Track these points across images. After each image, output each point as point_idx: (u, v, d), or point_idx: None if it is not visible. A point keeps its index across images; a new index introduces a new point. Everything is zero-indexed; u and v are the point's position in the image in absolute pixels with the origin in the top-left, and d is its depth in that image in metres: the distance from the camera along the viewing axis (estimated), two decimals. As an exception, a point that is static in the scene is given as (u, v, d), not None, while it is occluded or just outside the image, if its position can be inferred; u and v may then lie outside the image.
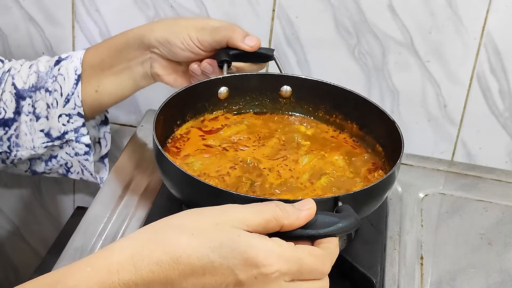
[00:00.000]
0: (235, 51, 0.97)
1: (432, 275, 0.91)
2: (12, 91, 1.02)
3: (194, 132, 0.96)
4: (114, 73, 1.01)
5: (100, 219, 0.93)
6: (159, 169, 0.84)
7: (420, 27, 1.10)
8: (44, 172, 1.09)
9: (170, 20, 1.02)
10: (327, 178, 0.88)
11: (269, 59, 1.00)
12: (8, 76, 1.02)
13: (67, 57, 1.03)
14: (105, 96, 1.02)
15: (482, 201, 1.06)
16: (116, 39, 1.02)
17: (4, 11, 1.19)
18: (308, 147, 0.94)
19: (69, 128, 1.02)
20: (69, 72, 1.01)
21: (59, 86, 1.01)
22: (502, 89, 1.13)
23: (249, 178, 0.86)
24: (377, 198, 0.82)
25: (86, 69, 1.01)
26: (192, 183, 0.77)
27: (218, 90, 0.98)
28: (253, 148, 0.94)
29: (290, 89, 1.00)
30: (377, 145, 0.95)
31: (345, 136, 0.98)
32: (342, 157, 0.92)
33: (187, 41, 0.97)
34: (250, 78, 0.99)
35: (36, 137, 1.03)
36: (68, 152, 1.05)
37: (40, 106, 1.02)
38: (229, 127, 0.97)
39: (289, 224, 0.65)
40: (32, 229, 1.40)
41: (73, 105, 1.01)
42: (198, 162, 0.89)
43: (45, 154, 1.06)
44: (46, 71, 1.02)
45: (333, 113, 1.00)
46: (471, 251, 0.96)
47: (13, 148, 1.04)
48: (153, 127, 0.85)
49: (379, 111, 0.93)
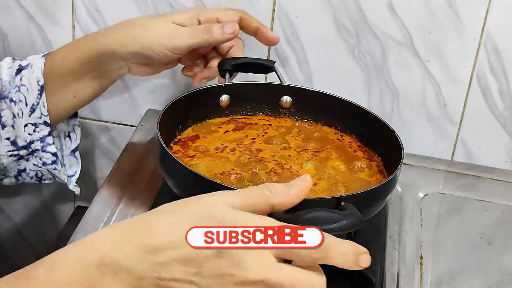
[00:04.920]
0: (236, 60, 0.98)
1: (431, 275, 0.91)
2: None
3: (198, 135, 0.97)
4: (90, 79, 1.00)
5: (100, 219, 0.93)
6: (164, 170, 0.84)
7: (420, 27, 1.10)
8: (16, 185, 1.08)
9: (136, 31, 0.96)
10: (329, 181, 0.89)
11: (270, 71, 1.01)
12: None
13: (27, 66, 1.00)
14: (84, 98, 1.01)
15: (482, 201, 1.06)
16: (81, 50, 0.98)
17: (4, 11, 1.19)
18: (312, 149, 0.95)
19: (35, 138, 1.01)
20: (31, 83, 0.99)
21: (23, 96, 0.99)
22: (502, 88, 1.13)
23: (251, 181, 0.87)
24: (378, 201, 0.83)
25: (55, 79, 0.99)
26: (200, 182, 0.78)
27: (219, 97, 0.99)
28: (257, 151, 0.94)
29: (290, 99, 1.01)
30: (376, 154, 0.95)
31: (350, 141, 0.99)
32: (343, 163, 0.93)
33: (163, 52, 0.95)
34: (251, 87, 1.01)
35: (2, 145, 1.01)
36: (35, 163, 1.03)
37: (6, 115, 1.00)
38: (234, 131, 0.98)
39: (280, 203, 0.63)
40: (32, 228, 1.40)
41: (39, 114, 1.00)
42: (203, 163, 0.89)
43: (12, 170, 1.05)
44: (8, 80, 1.00)
45: (332, 124, 1.00)
46: (470, 250, 0.96)
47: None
48: (157, 127, 0.85)
49: (379, 121, 0.94)
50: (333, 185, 0.88)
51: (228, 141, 0.96)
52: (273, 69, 1.01)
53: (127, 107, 1.24)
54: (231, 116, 1.01)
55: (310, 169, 0.91)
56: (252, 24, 1.00)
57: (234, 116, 1.01)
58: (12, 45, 1.22)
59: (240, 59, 0.99)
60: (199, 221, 0.60)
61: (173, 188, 0.83)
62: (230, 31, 0.96)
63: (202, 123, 0.99)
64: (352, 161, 0.94)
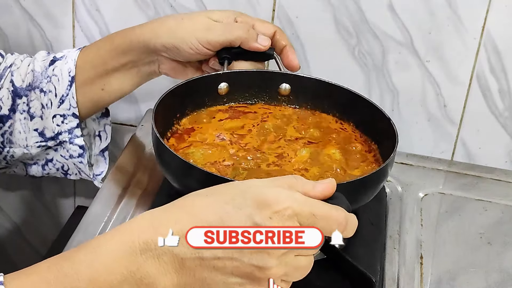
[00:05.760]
0: (237, 49, 0.98)
1: (431, 275, 0.91)
2: (10, 88, 1.02)
3: (195, 124, 0.97)
4: (121, 72, 1.00)
5: (100, 219, 0.93)
6: (159, 161, 0.85)
7: (420, 27, 1.10)
8: (42, 176, 1.09)
9: (172, 23, 0.98)
10: (321, 168, 0.89)
11: (269, 58, 1.01)
12: (8, 72, 1.02)
13: (61, 57, 1.02)
14: (112, 93, 1.02)
15: (482, 201, 1.06)
16: (117, 41, 1.00)
17: (4, 11, 1.19)
18: (310, 138, 0.95)
19: (63, 129, 1.02)
20: (63, 74, 1.00)
21: (53, 87, 1.00)
22: (502, 88, 1.13)
23: (246, 169, 0.87)
24: (369, 190, 0.84)
25: (88, 70, 1.00)
26: (192, 171, 0.78)
27: (218, 85, 0.99)
28: (253, 139, 0.95)
29: (289, 87, 1.01)
30: (373, 142, 0.95)
31: (352, 130, 0.99)
32: (339, 151, 0.93)
33: (196, 45, 0.95)
34: (250, 74, 1.00)
35: (30, 136, 1.03)
36: (63, 154, 1.04)
37: (35, 106, 1.01)
38: (232, 119, 0.98)
39: (304, 193, 0.66)
40: (32, 228, 1.40)
41: (68, 106, 1.01)
42: (199, 152, 0.90)
43: (41, 158, 1.06)
44: (41, 71, 1.01)
45: (330, 111, 1.01)
46: (470, 250, 0.96)
47: (6, 144, 1.04)
48: (152, 117, 0.85)
49: (376, 109, 0.94)
50: (325, 173, 0.88)
51: (225, 130, 0.96)
52: (272, 56, 1.00)
53: (127, 107, 1.24)
54: (230, 104, 1.01)
55: (304, 155, 0.92)
56: (282, 42, 1.00)
57: (232, 104, 1.01)
58: (12, 45, 1.22)
59: (239, 47, 0.99)
60: (233, 200, 0.63)
61: (169, 179, 0.84)
62: (264, 43, 0.97)
63: (199, 112, 0.98)
64: (349, 150, 0.94)
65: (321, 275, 0.74)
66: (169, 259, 0.63)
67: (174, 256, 0.63)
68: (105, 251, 0.63)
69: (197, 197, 0.66)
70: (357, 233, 0.92)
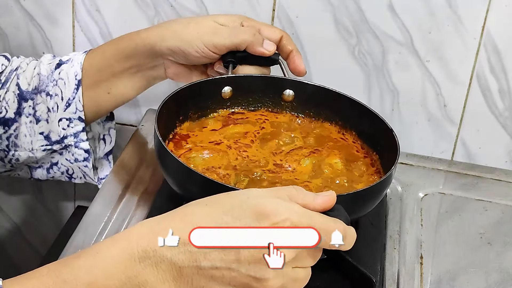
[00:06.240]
0: (242, 53, 0.98)
1: (431, 275, 0.91)
2: (16, 92, 1.02)
3: (197, 128, 0.96)
4: (126, 76, 1.00)
5: (101, 219, 0.93)
6: (160, 163, 0.84)
7: (420, 27, 1.10)
8: (47, 179, 1.09)
9: (178, 26, 0.97)
10: (323, 179, 0.89)
11: (274, 63, 1.01)
12: (14, 76, 1.02)
13: (67, 60, 1.02)
14: (117, 96, 1.02)
15: (482, 201, 1.06)
16: (123, 44, 0.99)
17: (4, 11, 1.20)
18: (312, 147, 0.95)
19: (68, 133, 1.02)
20: (69, 77, 1.00)
21: (59, 90, 1.00)
22: (502, 88, 1.13)
23: (247, 176, 0.87)
24: (368, 202, 0.83)
25: (93, 73, 1.00)
26: (192, 177, 0.78)
27: (222, 89, 0.99)
28: (255, 148, 0.94)
29: (292, 93, 1.01)
30: (374, 152, 0.95)
31: (353, 139, 0.99)
32: (341, 161, 0.93)
33: (201, 49, 0.95)
34: (254, 79, 1.00)
35: (36, 139, 1.02)
36: (68, 158, 1.04)
37: (41, 109, 1.01)
38: (235, 125, 0.98)
39: (304, 205, 0.66)
40: (32, 228, 1.40)
41: (74, 109, 1.00)
42: (200, 157, 0.89)
43: (46, 162, 1.06)
44: (47, 74, 1.01)
45: (333, 119, 1.00)
46: (470, 250, 0.96)
47: (12, 148, 1.04)
48: (155, 120, 0.85)
49: (378, 119, 0.94)
50: (327, 184, 0.88)
51: (227, 135, 0.96)
52: (277, 62, 1.00)
53: (127, 107, 1.24)
54: (233, 109, 1.01)
55: (307, 166, 0.91)
56: (289, 47, 1.00)
57: (235, 109, 1.01)
58: (12, 45, 1.22)
59: (244, 51, 0.99)
60: (232, 210, 0.64)
61: (169, 183, 0.84)
62: (269, 48, 0.97)
63: (202, 116, 0.98)
64: (351, 160, 0.94)
65: (321, 275, 0.74)
66: (167, 267, 0.63)
67: (172, 264, 0.63)
68: (104, 257, 0.64)
69: (197, 206, 0.66)
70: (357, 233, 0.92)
